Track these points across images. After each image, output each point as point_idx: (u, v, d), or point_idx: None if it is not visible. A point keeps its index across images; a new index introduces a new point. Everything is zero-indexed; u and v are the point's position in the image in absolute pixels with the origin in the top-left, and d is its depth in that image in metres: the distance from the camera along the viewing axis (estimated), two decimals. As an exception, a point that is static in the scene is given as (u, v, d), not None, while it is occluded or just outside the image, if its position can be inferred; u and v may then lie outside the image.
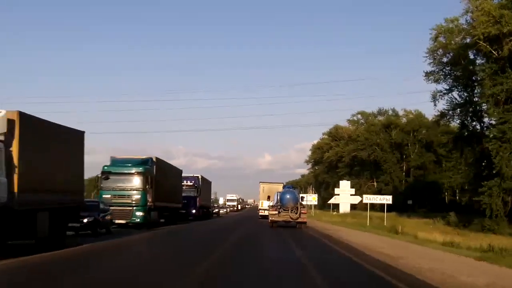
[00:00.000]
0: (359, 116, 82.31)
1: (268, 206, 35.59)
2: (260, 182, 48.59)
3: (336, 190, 65.75)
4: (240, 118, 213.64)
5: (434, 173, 72.36)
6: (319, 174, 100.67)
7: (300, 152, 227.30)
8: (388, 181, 72.62)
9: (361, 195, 70.85)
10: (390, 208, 69.40)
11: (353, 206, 65.14)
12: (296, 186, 58.26)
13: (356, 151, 76.92)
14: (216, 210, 55.32)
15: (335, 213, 64.04)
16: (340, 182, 66.29)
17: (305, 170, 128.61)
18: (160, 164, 29.14)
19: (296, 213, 28.26)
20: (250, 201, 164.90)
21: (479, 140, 37.57)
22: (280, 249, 17.42)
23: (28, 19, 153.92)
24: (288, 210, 28.36)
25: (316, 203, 70.27)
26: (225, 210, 68.42)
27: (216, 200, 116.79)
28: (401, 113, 77.94)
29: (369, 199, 37.43)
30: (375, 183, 77.77)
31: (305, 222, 29.17)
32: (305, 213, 29.37)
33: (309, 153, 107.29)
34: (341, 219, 42.78)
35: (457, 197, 75.23)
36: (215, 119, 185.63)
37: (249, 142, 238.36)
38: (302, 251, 16.19)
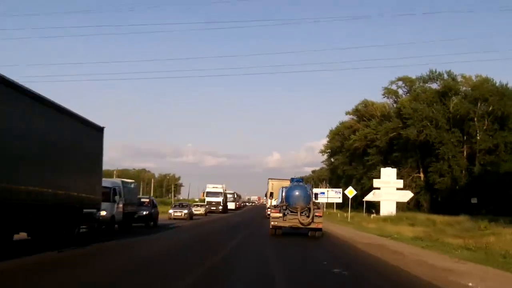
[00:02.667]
0: (400, 82, 60.95)
1: (269, 206, 31.31)
2: (269, 178, 41.65)
3: (376, 183, 45.42)
4: (249, 115, 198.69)
5: (504, 161, 51.96)
6: (338, 166, 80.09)
7: (309, 151, 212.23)
8: (444, 171, 51.83)
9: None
10: (445, 208, 49.60)
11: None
12: (308, 181, 48.98)
13: (397, 130, 56.15)
14: (145, 212, 26.93)
15: (373, 215, 43.80)
16: (382, 170, 45.81)
17: (315, 168, 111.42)
18: None
19: (308, 216, 21.03)
20: (253, 198, 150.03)
21: None
22: None
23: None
24: (297, 212, 21.06)
25: (339, 200, 51.29)
26: (181, 212, 37.51)
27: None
28: (459, 79, 56.74)
29: None
30: (421, 174, 57.03)
31: (320, 229, 21.59)
32: (320, 216, 21.47)
33: (318, 152, 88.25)
34: (421, 230, 22.19)
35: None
36: (224, 116, 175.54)
37: (258, 140, 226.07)
38: None
